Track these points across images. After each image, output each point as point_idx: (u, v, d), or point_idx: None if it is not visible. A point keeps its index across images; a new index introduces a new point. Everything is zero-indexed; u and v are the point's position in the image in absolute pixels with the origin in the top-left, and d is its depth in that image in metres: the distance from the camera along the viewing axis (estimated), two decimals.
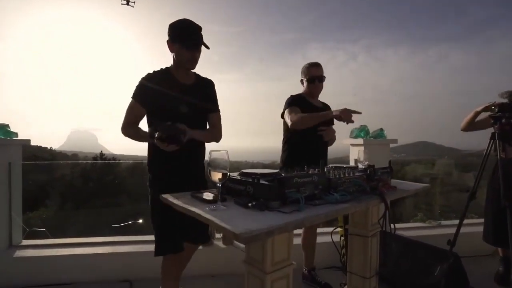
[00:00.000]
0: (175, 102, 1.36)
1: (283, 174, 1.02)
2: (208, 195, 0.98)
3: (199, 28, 1.36)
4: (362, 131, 2.70)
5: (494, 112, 1.90)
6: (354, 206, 0.98)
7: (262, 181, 0.90)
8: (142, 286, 2.04)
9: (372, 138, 2.71)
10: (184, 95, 1.38)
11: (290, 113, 1.80)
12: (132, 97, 1.39)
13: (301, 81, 1.99)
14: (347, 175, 1.14)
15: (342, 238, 2.15)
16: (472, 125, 2.13)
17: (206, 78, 1.53)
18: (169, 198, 1.03)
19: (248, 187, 0.94)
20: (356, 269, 1.49)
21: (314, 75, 1.90)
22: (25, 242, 2.32)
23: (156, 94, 1.34)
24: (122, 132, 1.41)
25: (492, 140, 1.95)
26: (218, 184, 0.88)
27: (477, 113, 2.07)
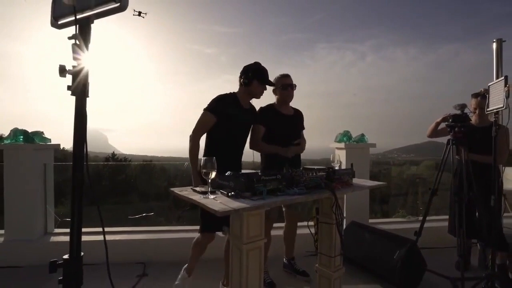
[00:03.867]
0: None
1: (259, 174, 1.40)
2: (202, 188, 1.37)
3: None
4: (345, 136, 3.06)
5: (449, 122, 2.23)
6: (306, 197, 1.36)
7: (238, 179, 1.29)
8: (154, 266, 2.46)
9: (355, 142, 3.06)
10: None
11: (252, 132, 2.08)
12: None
13: (274, 91, 2.21)
14: (308, 175, 1.51)
15: (316, 226, 2.51)
16: (435, 133, 2.47)
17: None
18: (176, 190, 1.43)
19: (230, 183, 1.33)
20: (324, 250, 1.86)
21: (286, 83, 2.15)
22: (57, 230, 2.78)
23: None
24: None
25: (448, 145, 2.28)
26: (208, 180, 1.28)
27: (438, 123, 2.41)
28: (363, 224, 2.59)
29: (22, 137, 2.60)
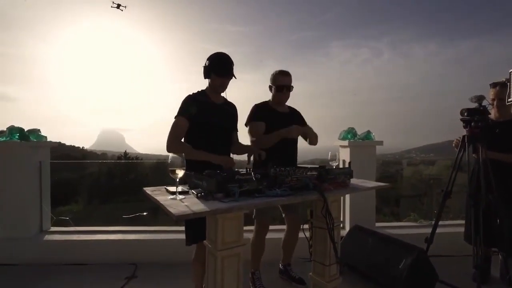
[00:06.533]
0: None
1: (237, 172, 1.26)
2: (173, 188, 1.25)
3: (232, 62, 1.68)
4: (350, 133, 2.85)
5: (464, 116, 1.99)
6: (288, 199, 1.20)
7: (210, 178, 1.15)
8: (146, 268, 2.38)
9: (360, 140, 2.84)
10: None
11: (250, 131, 1.94)
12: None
13: (270, 87, 2.01)
14: (295, 174, 1.35)
15: (310, 231, 2.30)
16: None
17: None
18: (148, 190, 1.32)
19: (203, 182, 1.20)
20: (318, 258, 1.68)
21: (282, 83, 1.93)
22: (53, 228, 2.76)
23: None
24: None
25: (464, 142, 2.03)
26: (177, 180, 1.15)
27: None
28: (367, 228, 2.38)
29: (18, 135, 2.59)
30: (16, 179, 2.53)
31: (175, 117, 1.64)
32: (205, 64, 1.68)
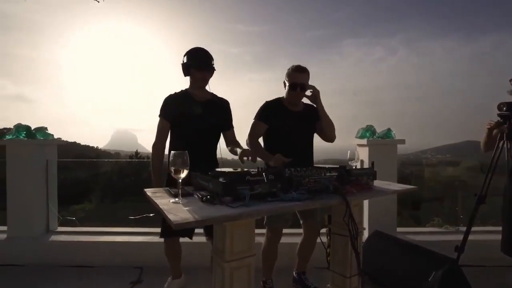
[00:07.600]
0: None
1: (247, 173, 1.12)
2: (175, 190, 1.12)
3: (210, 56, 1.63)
4: (368, 131, 2.65)
5: (502, 111, 1.77)
6: (306, 204, 1.04)
7: (217, 179, 1.01)
8: (151, 272, 2.27)
9: (380, 138, 2.64)
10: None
11: (251, 128, 1.79)
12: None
13: (284, 83, 1.81)
14: (313, 176, 1.19)
15: (328, 237, 2.12)
16: (491, 143, 1.92)
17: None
18: (148, 192, 1.19)
19: (209, 184, 1.06)
20: (338, 268, 1.52)
21: (296, 81, 1.72)
22: (60, 229, 2.70)
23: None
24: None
25: (502, 141, 1.81)
26: (179, 180, 1.01)
27: (491, 130, 1.89)
28: (389, 234, 2.19)
29: (24, 133, 2.54)
30: (22, 177, 2.48)
31: (159, 116, 1.65)
32: (183, 61, 1.62)
